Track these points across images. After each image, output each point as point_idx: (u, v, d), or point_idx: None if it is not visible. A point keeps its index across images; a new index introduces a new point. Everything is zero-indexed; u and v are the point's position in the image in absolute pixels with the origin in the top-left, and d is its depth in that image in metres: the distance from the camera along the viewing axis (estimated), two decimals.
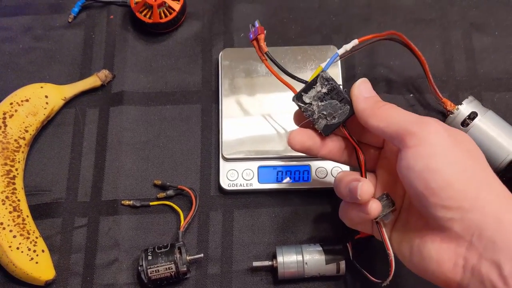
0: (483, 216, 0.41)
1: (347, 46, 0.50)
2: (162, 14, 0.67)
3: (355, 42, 0.50)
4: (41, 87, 0.63)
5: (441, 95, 0.61)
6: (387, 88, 0.66)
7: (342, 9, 0.70)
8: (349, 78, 0.67)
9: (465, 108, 0.60)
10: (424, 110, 0.65)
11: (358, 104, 0.48)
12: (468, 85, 0.66)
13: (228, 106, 0.63)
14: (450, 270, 0.42)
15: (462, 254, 0.42)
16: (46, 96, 0.63)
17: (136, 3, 0.67)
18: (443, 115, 0.63)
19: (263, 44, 0.51)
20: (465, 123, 0.59)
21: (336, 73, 0.64)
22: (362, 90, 0.48)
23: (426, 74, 0.60)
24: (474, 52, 0.68)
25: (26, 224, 0.58)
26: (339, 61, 0.65)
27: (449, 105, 0.61)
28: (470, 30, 0.69)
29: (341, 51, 0.50)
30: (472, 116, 0.59)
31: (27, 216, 0.59)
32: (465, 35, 0.69)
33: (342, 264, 0.57)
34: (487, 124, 0.59)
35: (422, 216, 0.45)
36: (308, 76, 0.51)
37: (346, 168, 0.60)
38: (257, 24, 0.50)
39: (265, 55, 0.51)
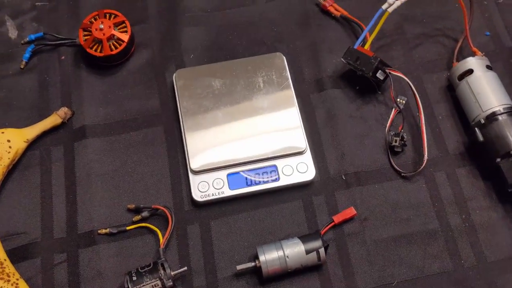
0: None
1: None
2: (112, 47, 0.69)
3: None
4: (2, 132, 0.64)
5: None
6: None
7: (281, 19, 0.75)
8: (299, 81, 0.71)
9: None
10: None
11: None
12: None
13: (189, 122, 0.65)
14: None
15: None
16: (9, 141, 0.63)
17: (85, 40, 0.69)
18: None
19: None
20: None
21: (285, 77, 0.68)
22: None
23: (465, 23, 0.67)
24: None
25: (4, 267, 0.57)
26: (286, 67, 0.69)
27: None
28: None
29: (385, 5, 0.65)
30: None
31: (5, 260, 0.58)
32: None
33: (322, 251, 0.59)
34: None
35: None
36: (259, 85, 0.60)
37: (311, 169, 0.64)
38: None
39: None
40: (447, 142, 0.67)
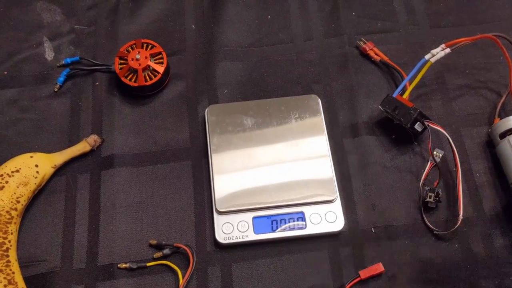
0: None
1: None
2: (147, 77, 0.69)
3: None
4: (31, 157, 0.64)
5: None
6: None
7: (319, 60, 0.74)
8: (333, 124, 0.69)
9: None
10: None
11: None
12: None
13: (218, 160, 0.64)
14: None
15: None
16: (36, 165, 0.63)
17: (121, 68, 0.69)
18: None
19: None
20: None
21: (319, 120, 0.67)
22: None
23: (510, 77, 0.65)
24: None
25: None
26: (321, 110, 0.67)
27: None
28: None
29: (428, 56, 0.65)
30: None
31: None
32: None
33: None
34: None
35: None
36: (292, 126, 0.57)
37: (340, 214, 0.62)
38: None
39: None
40: (483, 201, 0.64)
